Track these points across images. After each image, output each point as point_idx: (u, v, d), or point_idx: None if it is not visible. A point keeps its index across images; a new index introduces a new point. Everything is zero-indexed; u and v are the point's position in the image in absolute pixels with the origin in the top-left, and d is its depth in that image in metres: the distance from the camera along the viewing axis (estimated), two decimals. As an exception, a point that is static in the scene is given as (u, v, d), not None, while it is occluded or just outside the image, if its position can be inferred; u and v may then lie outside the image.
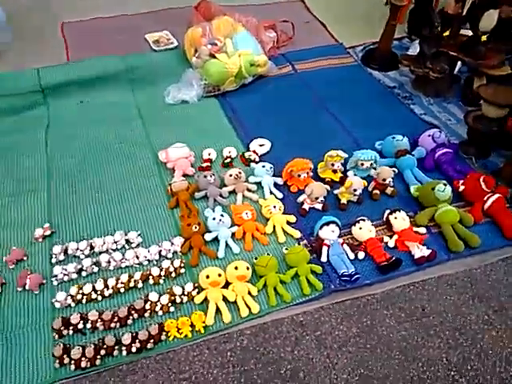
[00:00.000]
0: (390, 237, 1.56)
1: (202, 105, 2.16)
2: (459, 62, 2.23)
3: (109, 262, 1.46)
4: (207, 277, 1.38)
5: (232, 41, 2.22)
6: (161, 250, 1.50)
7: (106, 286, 1.39)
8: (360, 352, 1.28)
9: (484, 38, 2.12)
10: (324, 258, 1.47)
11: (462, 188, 1.70)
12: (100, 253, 1.48)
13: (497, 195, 1.64)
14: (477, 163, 1.88)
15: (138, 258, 1.48)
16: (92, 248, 1.49)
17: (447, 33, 2.15)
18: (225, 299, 1.37)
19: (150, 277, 1.42)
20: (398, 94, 2.29)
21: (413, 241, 1.52)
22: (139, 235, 1.55)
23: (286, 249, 1.48)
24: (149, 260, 1.49)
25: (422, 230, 1.58)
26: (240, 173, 1.69)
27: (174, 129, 2.01)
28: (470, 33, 2.10)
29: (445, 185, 1.62)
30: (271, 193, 1.70)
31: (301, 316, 1.36)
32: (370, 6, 2.86)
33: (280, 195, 1.69)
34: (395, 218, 1.57)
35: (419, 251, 1.49)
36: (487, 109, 1.80)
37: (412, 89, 2.32)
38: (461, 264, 1.51)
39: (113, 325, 1.31)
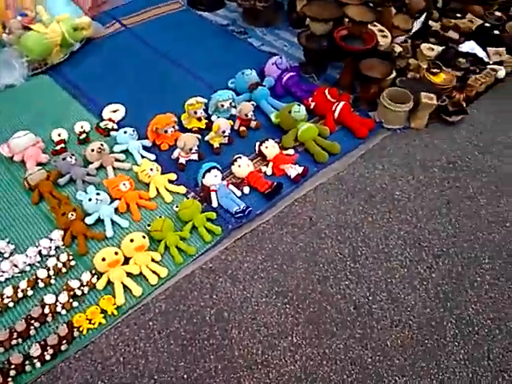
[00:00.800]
0: (267, 166, 1.64)
1: (33, 84, 1.93)
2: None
3: (-16, 280, 1.29)
4: (103, 259, 1.31)
5: (44, 7, 1.97)
6: (40, 250, 1.37)
7: (-9, 307, 1.23)
8: (270, 274, 1.37)
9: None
10: (215, 203, 1.50)
11: (312, 105, 1.84)
12: (-30, 274, 1.30)
13: (342, 102, 1.81)
14: (318, 79, 2.04)
15: (16, 266, 1.33)
16: (-42, 271, 1.30)
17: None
18: (129, 275, 1.32)
19: (39, 280, 1.30)
20: (232, 31, 2.31)
21: (286, 163, 1.63)
22: (9, 243, 1.39)
23: (177, 206, 1.46)
24: (30, 264, 1.35)
25: (291, 151, 1.69)
26: (102, 145, 1.58)
27: (8, 118, 1.79)
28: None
29: (298, 105, 1.73)
30: (143, 157, 1.63)
31: (209, 263, 1.39)
32: None
33: (152, 157, 1.64)
34: (266, 147, 1.65)
35: (294, 171, 1.60)
36: (315, 26, 1.92)
37: (244, 23, 2.36)
38: (330, 171, 1.67)
39: (14, 342, 1.18)
